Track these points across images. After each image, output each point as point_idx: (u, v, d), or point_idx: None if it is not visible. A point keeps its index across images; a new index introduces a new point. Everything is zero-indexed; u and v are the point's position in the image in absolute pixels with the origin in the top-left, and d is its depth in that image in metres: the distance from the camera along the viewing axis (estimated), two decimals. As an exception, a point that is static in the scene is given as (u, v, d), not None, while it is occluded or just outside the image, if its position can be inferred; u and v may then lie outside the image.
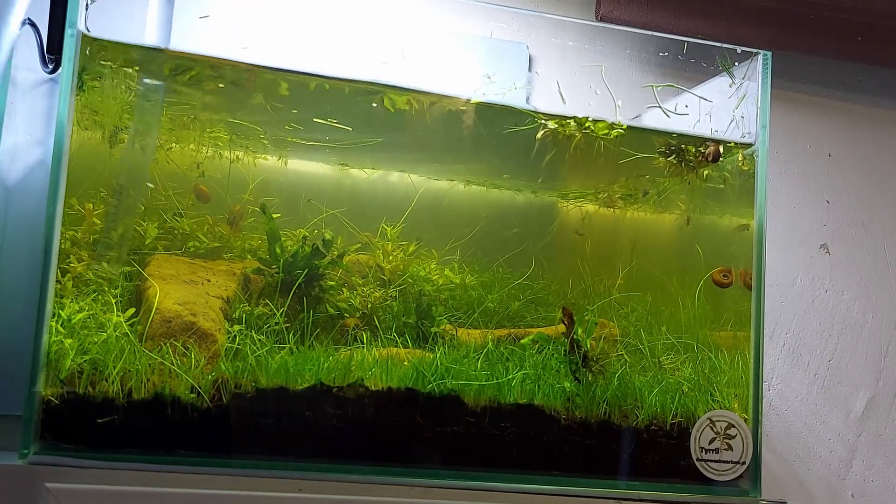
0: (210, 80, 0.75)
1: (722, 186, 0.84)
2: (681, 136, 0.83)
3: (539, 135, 0.81)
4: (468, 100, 0.79)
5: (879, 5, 1.07)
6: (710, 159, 0.77)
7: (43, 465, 0.63)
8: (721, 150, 0.77)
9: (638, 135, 0.84)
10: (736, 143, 0.82)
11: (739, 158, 0.82)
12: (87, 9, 0.68)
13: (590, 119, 0.80)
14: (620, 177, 0.87)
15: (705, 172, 0.83)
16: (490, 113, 0.81)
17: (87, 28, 0.68)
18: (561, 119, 0.81)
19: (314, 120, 0.78)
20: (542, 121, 0.80)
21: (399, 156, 0.83)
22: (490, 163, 0.86)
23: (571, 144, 0.81)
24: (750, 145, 0.82)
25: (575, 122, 0.80)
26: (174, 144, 0.76)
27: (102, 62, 0.71)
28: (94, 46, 0.69)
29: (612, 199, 0.87)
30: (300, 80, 0.76)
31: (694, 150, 0.82)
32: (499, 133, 0.82)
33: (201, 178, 0.76)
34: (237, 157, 0.77)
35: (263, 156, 0.78)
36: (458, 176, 0.84)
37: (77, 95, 0.67)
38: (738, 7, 1.04)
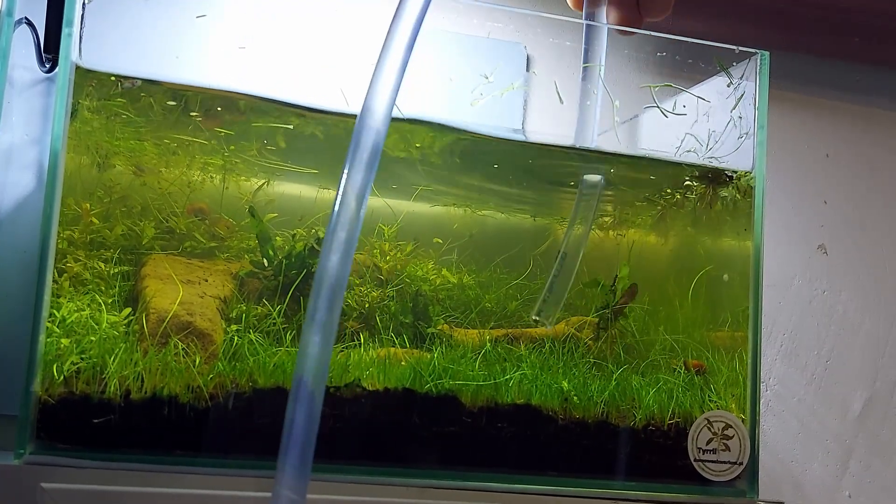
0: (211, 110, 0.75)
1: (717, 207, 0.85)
2: (683, 166, 0.84)
3: None
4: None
5: (877, 5, 1.07)
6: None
7: (39, 465, 0.63)
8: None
9: (640, 162, 0.85)
10: (733, 173, 0.83)
11: (738, 184, 0.83)
12: (80, 39, 0.68)
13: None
14: (622, 204, 0.88)
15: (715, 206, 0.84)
16: (482, 143, 0.82)
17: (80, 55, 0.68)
18: (559, 147, 0.82)
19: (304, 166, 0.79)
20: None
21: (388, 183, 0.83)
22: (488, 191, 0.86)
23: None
24: (748, 173, 0.82)
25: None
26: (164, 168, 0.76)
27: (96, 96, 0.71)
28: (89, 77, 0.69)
29: (610, 223, 0.88)
30: (301, 117, 0.77)
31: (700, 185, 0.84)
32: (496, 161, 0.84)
33: (193, 196, 0.76)
34: (226, 178, 0.77)
35: (251, 180, 0.78)
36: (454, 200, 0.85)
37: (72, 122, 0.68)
38: (736, 7, 1.04)
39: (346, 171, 0.56)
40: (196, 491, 0.64)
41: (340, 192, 0.56)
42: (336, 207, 0.56)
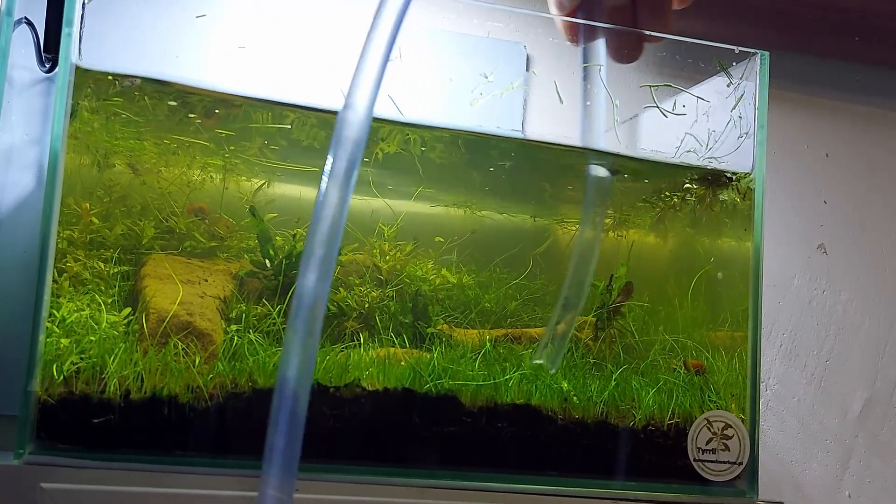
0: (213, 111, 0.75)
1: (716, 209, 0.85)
2: (682, 168, 0.84)
3: None
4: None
5: (877, 5, 1.07)
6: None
7: (38, 465, 0.63)
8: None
9: (639, 163, 0.85)
10: (733, 174, 0.83)
11: (738, 186, 0.83)
12: (80, 39, 0.68)
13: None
14: (623, 204, 0.88)
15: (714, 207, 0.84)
16: (483, 142, 0.82)
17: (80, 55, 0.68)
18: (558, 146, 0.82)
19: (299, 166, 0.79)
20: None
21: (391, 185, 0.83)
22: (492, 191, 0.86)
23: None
24: (748, 174, 0.82)
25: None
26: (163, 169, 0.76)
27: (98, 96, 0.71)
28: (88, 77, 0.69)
29: (612, 224, 0.88)
30: (300, 116, 0.77)
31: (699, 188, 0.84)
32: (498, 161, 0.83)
33: (193, 195, 0.76)
34: (226, 177, 0.77)
35: (252, 180, 0.78)
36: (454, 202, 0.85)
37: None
38: (736, 7, 1.04)
39: (326, 179, 0.54)
40: (196, 491, 0.64)
41: (320, 200, 0.54)
42: (316, 217, 0.54)
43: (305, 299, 0.52)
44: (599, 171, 0.79)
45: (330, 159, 0.54)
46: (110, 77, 0.70)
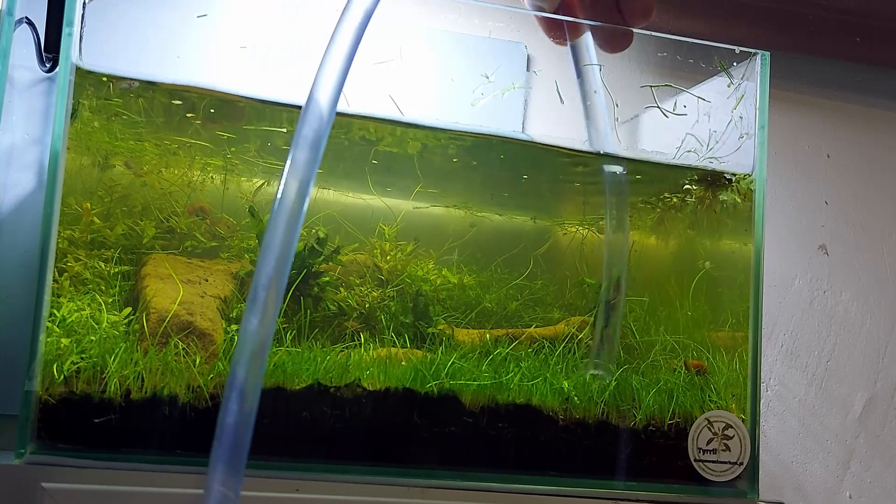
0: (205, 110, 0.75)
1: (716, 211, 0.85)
2: (683, 169, 0.84)
3: None
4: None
5: (878, 6, 1.07)
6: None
7: (39, 465, 0.63)
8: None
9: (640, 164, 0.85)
10: (732, 175, 0.83)
11: (738, 186, 0.83)
12: (80, 39, 0.68)
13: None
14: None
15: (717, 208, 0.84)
16: (485, 142, 0.82)
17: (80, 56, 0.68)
18: (557, 149, 0.82)
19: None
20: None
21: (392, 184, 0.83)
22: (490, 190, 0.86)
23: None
24: (748, 175, 0.82)
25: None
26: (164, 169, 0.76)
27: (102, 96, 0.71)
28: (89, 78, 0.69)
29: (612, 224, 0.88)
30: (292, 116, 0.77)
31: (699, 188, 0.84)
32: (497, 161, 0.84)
33: (193, 196, 0.76)
34: (227, 177, 0.77)
35: (252, 180, 0.78)
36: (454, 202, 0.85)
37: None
38: (737, 7, 1.04)
39: (284, 179, 0.55)
40: (196, 491, 0.64)
41: (278, 200, 0.55)
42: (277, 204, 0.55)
43: (259, 297, 0.52)
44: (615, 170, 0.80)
45: (289, 158, 0.54)
46: (104, 78, 0.70)
